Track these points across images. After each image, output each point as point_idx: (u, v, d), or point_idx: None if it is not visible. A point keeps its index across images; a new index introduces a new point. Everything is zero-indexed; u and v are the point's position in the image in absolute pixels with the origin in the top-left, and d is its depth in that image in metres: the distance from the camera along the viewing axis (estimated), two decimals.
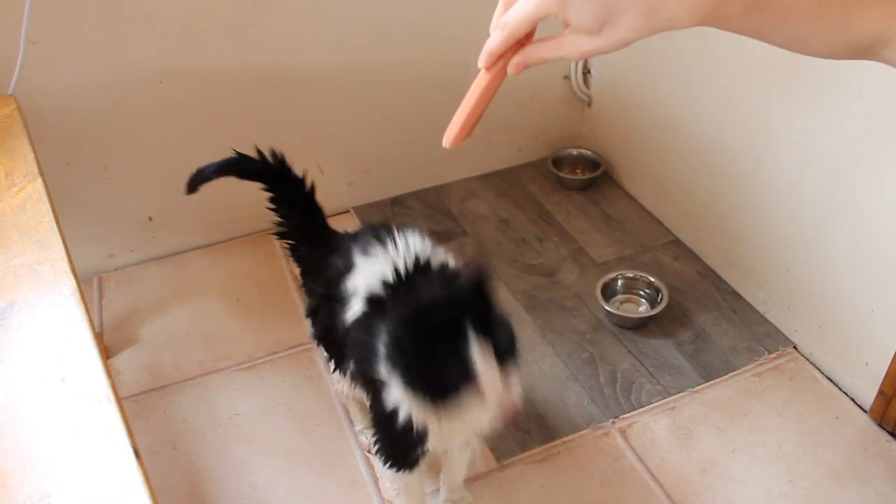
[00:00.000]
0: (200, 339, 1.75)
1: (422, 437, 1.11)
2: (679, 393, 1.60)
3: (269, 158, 1.33)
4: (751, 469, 1.45)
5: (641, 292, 1.80)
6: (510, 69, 0.71)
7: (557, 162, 2.22)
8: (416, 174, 2.16)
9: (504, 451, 1.48)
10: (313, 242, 1.35)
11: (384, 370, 1.03)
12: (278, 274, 1.94)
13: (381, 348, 1.02)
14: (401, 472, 1.21)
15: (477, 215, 2.09)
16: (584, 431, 1.53)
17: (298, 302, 1.83)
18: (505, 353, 0.98)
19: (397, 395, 1.05)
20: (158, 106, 1.77)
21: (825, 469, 1.44)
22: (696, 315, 1.76)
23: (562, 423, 1.54)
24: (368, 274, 1.14)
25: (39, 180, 1.13)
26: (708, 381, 1.62)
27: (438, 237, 2.01)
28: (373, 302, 1.11)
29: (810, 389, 1.60)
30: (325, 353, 1.36)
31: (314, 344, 1.36)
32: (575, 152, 2.24)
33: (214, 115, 1.83)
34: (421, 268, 1.13)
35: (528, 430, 1.52)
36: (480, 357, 0.93)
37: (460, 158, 2.19)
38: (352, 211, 2.11)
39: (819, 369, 1.63)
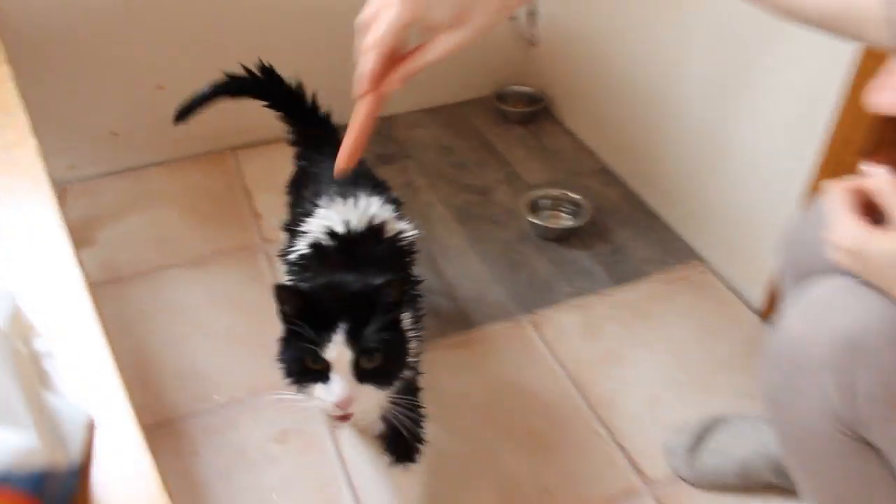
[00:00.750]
0: (154, 241, 1.88)
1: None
2: (591, 294, 1.74)
3: (258, 72, 1.38)
4: (649, 359, 1.60)
5: (565, 209, 1.94)
6: (394, 85, 0.76)
7: (501, 97, 2.35)
8: None
9: (424, 337, 1.62)
10: (323, 150, 1.39)
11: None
12: (232, 188, 2.06)
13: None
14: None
15: (420, 143, 2.23)
16: (501, 323, 1.67)
17: (248, 212, 1.96)
18: (373, 372, 0.99)
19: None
20: (126, 23, 1.88)
21: (716, 359, 1.60)
22: (616, 232, 1.91)
23: (481, 316, 1.68)
24: (326, 218, 1.19)
25: (5, 66, 1.14)
26: (619, 285, 1.76)
27: (383, 159, 2.14)
28: (313, 247, 1.17)
29: (712, 296, 1.75)
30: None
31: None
32: (519, 88, 2.37)
33: (181, 33, 1.95)
34: (371, 230, 1.18)
35: (448, 321, 1.66)
36: (336, 361, 0.96)
37: (409, 93, 2.31)
38: None
39: (722, 279, 1.78)
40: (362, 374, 0.98)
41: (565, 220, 1.92)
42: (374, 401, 1.03)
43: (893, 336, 0.80)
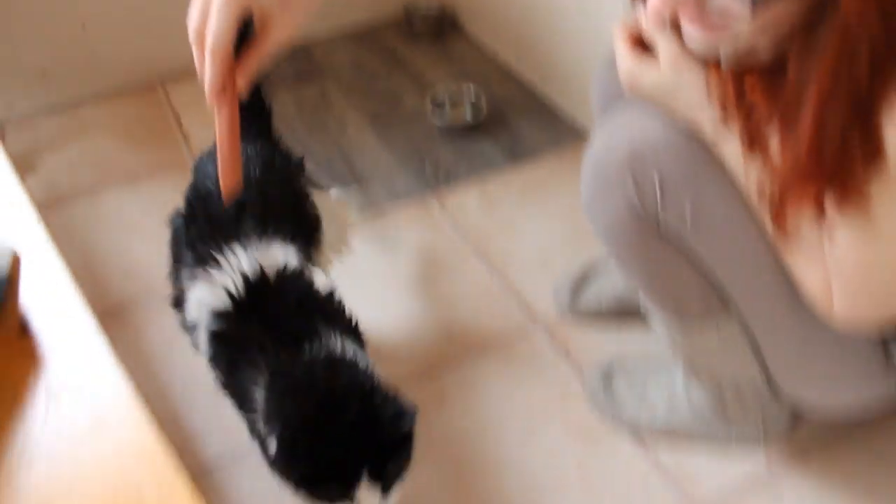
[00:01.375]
0: (92, 165, 2.05)
1: None
2: (490, 175, 1.94)
3: None
4: (541, 224, 1.81)
5: (466, 105, 2.13)
6: (242, 89, 0.78)
7: (409, 13, 2.52)
8: None
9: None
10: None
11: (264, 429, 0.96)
12: (162, 113, 2.23)
13: (265, 410, 0.96)
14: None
15: (335, 63, 2.40)
16: (409, 205, 1.87)
17: (177, 133, 2.13)
18: (395, 481, 0.95)
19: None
20: None
21: None
22: (513, 121, 2.10)
23: (392, 201, 1.88)
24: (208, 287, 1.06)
25: None
26: (515, 166, 1.96)
27: (299, 78, 2.31)
28: (222, 318, 1.04)
29: None
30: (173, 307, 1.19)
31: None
32: (426, 3, 2.54)
33: None
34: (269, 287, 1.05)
35: (359, 207, 1.86)
36: (366, 498, 0.91)
37: (321, 18, 2.48)
38: None
39: None
40: (388, 489, 0.94)
41: (466, 115, 2.11)
42: (399, 495, 0.97)
43: (672, 144, 1.01)
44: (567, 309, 1.59)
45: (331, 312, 1.08)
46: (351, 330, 1.09)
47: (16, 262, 0.79)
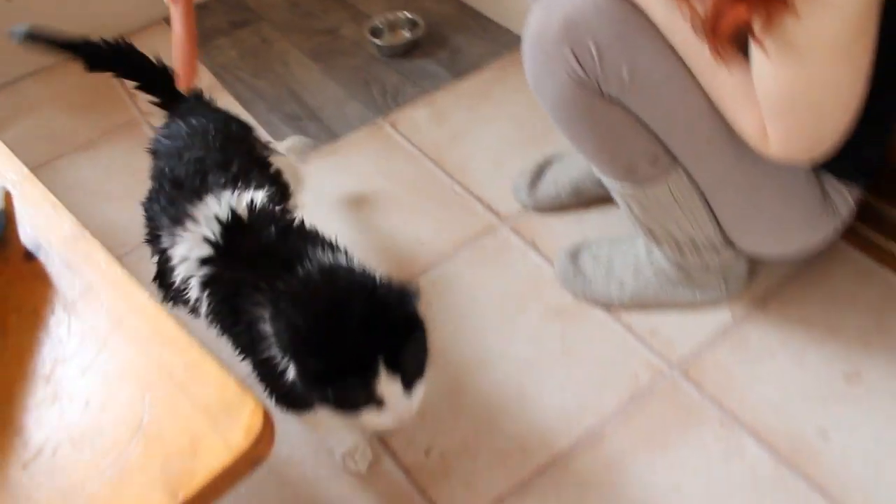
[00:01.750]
0: (45, 138, 2.07)
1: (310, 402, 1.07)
2: (436, 91, 2.00)
3: (114, 47, 1.35)
4: (492, 131, 1.87)
5: (405, 28, 2.17)
6: None
7: None
8: None
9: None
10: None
11: (275, 349, 0.99)
12: (107, 80, 2.24)
13: (275, 333, 0.97)
14: (300, 412, 1.16)
15: (270, 4, 2.42)
16: (362, 129, 1.92)
17: (124, 94, 2.15)
18: (415, 376, 0.97)
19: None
20: None
21: (548, 120, 1.87)
22: (452, 38, 2.15)
23: (345, 128, 1.93)
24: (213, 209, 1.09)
25: None
26: (460, 79, 2.02)
27: (236, 25, 2.34)
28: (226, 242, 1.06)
29: None
30: (158, 286, 1.23)
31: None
32: None
33: None
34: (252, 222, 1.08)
35: (318, 138, 1.91)
36: (387, 390, 0.93)
37: None
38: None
39: None
40: (409, 384, 0.96)
41: (405, 38, 2.15)
42: (422, 394, 1.00)
43: (603, 10, 1.08)
44: (527, 203, 1.66)
45: (311, 235, 1.11)
46: (335, 246, 1.10)
47: (8, 197, 0.85)
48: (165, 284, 1.17)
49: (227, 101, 2.02)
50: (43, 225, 0.86)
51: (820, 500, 1.21)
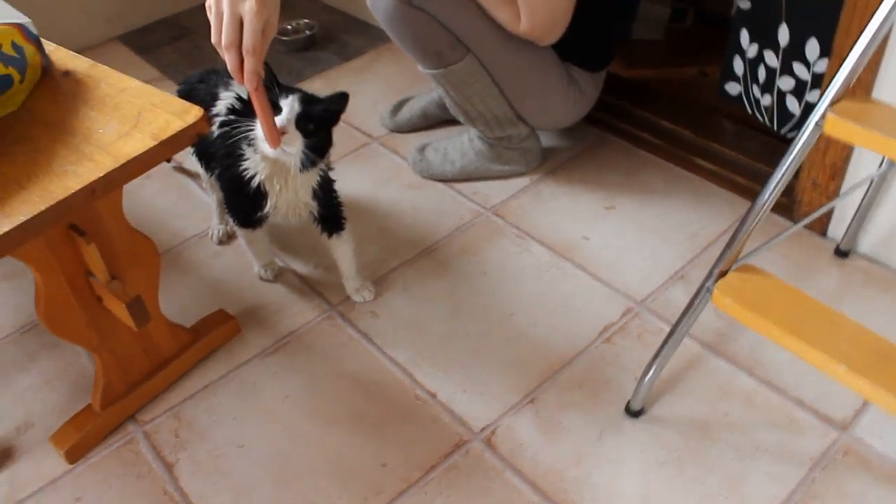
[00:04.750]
0: None
1: (262, 200, 1.50)
2: (329, 70, 2.66)
3: None
4: (370, 88, 2.51)
5: (304, 30, 2.84)
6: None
7: None
8: None
9: None
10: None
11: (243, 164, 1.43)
12: None
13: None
14: (247, 229, 1.63)
15: (198, 23, 3.07)
16: None
17: None
18: (308, 135, 1.37)
19: (247, 164, 1.43)
20: None
21: (404, 82, 2.54)
22: (341, 36, 2.81)
23: None
24: (227, 97, 1.54)
25: None
26: (348, 61, 2.69)
27: (175, 38, 2.98)
28: (232, 109, 1.46)
29: None
30: (201, 164, 1.73)
31: (192, 158, 1.78)
32: None
33: None
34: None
35: None
36: (286, 107, 1.33)
37: None
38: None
39: None
40: (302, 130, 1.35)
41: (305, 36, 2.82)
42: (299, 148, 1.36)
43: None
44: (390, 126, 2.30)
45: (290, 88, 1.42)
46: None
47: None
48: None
49: (171, 90, 2.61)
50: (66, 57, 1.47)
51: (582, 274, 1.82)
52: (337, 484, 1.43)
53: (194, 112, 1.28)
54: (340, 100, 1.39)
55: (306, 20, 2.83)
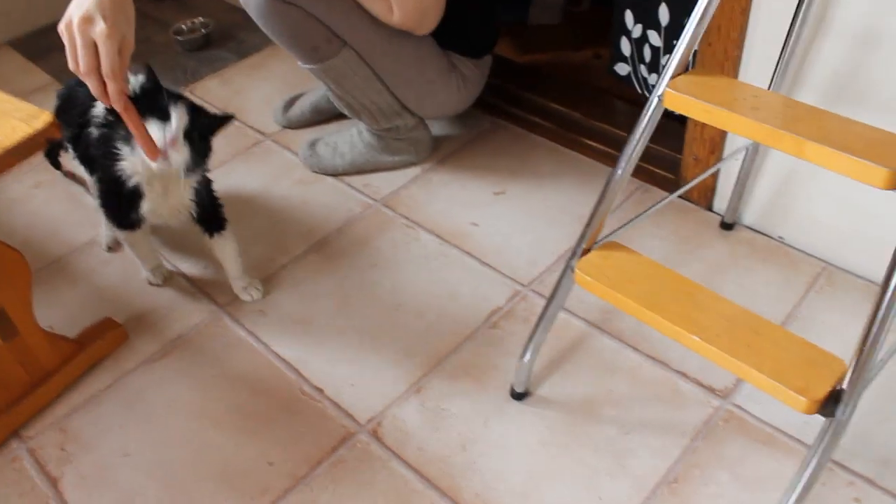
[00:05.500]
0: None
1: (138, 200, 1.48)
2: (226, 68, 2.63)
3: None
4: (264, 84, 2.49)
5: (200, 29, 2.80)
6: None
7: None
8: None
9: None
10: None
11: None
12: None
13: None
14: (125, 230, 1.60)
15: None
16: None
17: None
18: (191, 144, 1.38)
19: (125, 165, 1.41)
20: None
21: (297, 78, 2.52)
22: (238, 34, 2.79)
23: None
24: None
25: None
26: (244, 59, 2.67)
27: None
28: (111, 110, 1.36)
29: None
30: (84, 167, 1.64)
31: (75, 162, 1.68)
32: None
33: None
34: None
35: None
36: (174, 118, 1.33)
37: None
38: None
39: None
40: (188, 139, 1.36)
41: (201, 35, 2.79)
42: (184, 159, 1.37)
43: None
44: (282, 123, 2.29)
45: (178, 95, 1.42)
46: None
47: None
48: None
49: None
50: None
51: (470, 260, 1.83)
52: (224, 486, 1.42)
53: (43, 117, 1.25)
54: (226, 118, 1.43)
55: (202, 19, 2.80)
